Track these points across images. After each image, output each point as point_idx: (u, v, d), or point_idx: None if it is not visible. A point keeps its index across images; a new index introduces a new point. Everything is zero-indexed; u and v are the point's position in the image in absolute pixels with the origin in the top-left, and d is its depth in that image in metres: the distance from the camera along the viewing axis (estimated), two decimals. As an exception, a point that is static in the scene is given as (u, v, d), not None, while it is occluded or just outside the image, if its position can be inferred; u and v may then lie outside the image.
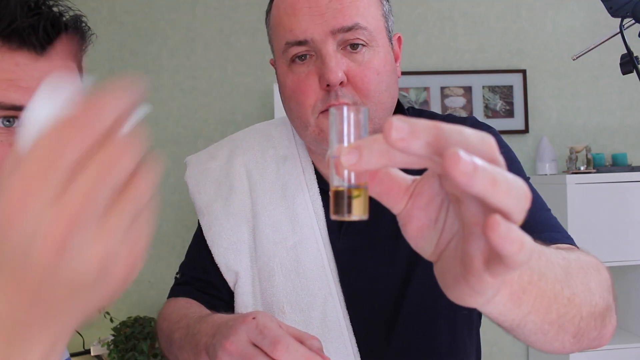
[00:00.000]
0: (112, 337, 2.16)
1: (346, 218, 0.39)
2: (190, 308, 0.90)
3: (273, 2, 0.87)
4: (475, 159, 0.32)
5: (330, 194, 0.39)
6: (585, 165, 2.38)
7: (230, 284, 0.93)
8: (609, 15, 1.27)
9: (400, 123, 0.33)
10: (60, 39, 0.64)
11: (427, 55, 2.52)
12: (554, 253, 0.54)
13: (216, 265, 0.93)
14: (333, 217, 0.39)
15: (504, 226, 0.32)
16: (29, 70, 0.62)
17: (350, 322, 0.87)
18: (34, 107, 0.31)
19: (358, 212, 0.38)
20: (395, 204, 0.40)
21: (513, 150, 0.95)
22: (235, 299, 0.94)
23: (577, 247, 0.78)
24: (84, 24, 0.68)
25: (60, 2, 0.66)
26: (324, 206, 0.91)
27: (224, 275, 0.93)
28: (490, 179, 0.32)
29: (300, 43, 0.80)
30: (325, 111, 0.81)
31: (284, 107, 0.88)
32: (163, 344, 0.88)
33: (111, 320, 2.23)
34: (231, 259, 0.92)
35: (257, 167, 0.95)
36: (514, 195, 0.33)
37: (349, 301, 0.88)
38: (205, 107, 2.47)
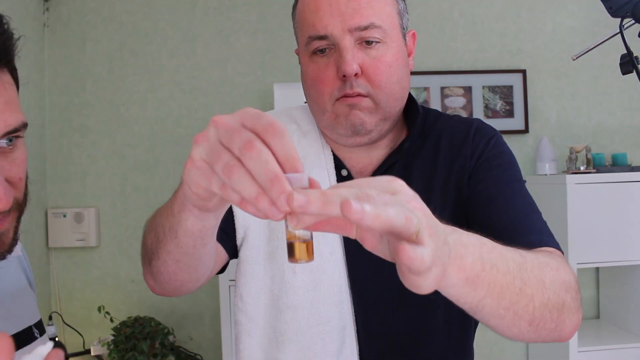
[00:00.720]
0: (112, 337, 2.16)
1: (296, 262, 0.52)
2: None
3: None
4: (363, 205, 0.44)
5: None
6: (585, 165, 2.37)
7: (239, 237, 0.97)
8: (609, 15, 1.27)
9: (298, 195, 0.45)
10: None
11: (427, 55, 2.52)
12: (510, 250, 0.64)
13: (231, 212, 0.96)
14: (288, 260, 0.52)
15: (409, 250, 0.45)
16: None
17: (352, 290, 0.94)
18: None
19: (302, 257, 0.51)
20: (348, 233, 0.52)
21: (513, 150, 0.99)
22: (242, 253, 0.97)
23: (560, 251, 0.83)
24: (6, 26, 0.63)
25: None
26: (337, 181, 0.96)
27: (236, 224, 0.97)
28: (374, 216, 0.44)
29: (321, 37, 0.89)
30: (340, 98, 0.90)
31: (304, 93, 0.96)
32: (147, 239, 0.85)
33: (111, 320, 2.23)
34: (249, 216, 0.96)
35: None
36: (396, 222, 0.45)
37: (352, 274, 0.94)
38: (205, 107, 2.47)
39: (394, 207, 0.46)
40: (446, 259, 0.52)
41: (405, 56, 0.96)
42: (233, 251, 0.99)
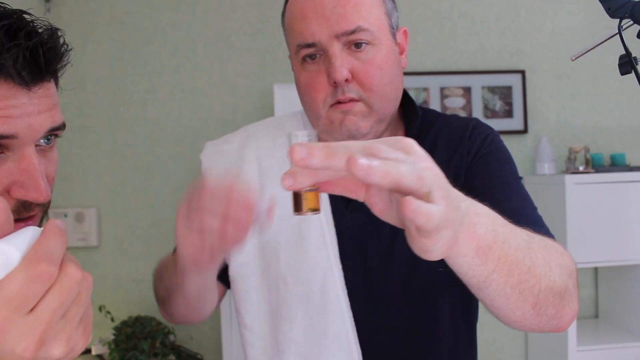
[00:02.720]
0: (113, 337, 2.16)
1: (302, 214, 0.50)
2: None
3: (286, 6, 0.94)
4: (371, 161, 0.42)
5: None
6: (584, 166, 2.38)
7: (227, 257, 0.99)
8: (608, 16, 1.28)
9: (299, 147, 0.44)
10: (39, 67, 0.62)
11: (426, 56, 2.53)
12: (519, 229, 0.63)
13: None
14: (294, 214, 0.51)
15: (414, 204, 0.43)
16: (7, 100, 0.61)
17: (349, 296, 0.93)
18: (10, 248, 0.43)
19: (308, 208, 0.50)
20: (357, 196, 0.51)
21: (512, 150, 1.00)
22: (232, 271, 0.99)
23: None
24: (60, 38, 0.66)
25: (35, 19, 0.64)
26: None
27: None
28: (383, 172, 0.42)
29: (309, 45, 0.89)
30: (334, 105, 0.90)
31: (300, 99, 0.97)
32: (159, 288, 1.01)
33: (112, 320, 2.23)
34: None
35: (267, 153, 1.02)
36: (408, 180, 0.44)
37: (348, 275, 0.94)
38: (205, 107, 2.48)
39: (406, 164, 0.44)
40: (458, 225, 0.50)
41: (397, 56, 0.95)
42: (227, 281, 1.03)
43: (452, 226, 0.48)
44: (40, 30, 0.64)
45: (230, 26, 2.49)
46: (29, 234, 0.45)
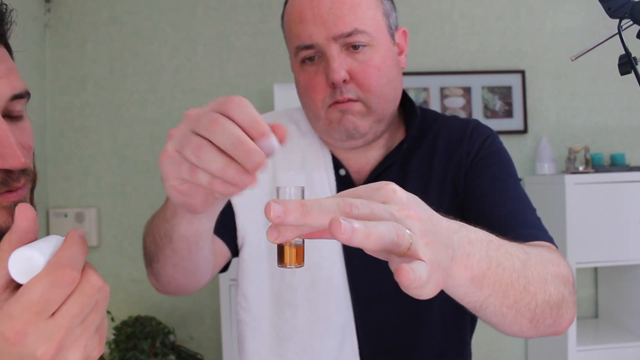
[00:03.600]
0: (113, 337, 2.17)
1: (286, 267, 0.51)
2: None
3: (285, 8, 0.95)
4: (352, 223, 0.42)
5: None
6: (584, 166, 2.38)
7: (240, 237, 0.98)
8: (608, 16, 1.28)
9: (275, 205, 0.43)
10: None
11: (426, 56, 2.53)
12: (514, 247, 0.63)
13: (232, 210, 0.97)
14: (278, 265, 0.51)
15: (408, 272, 0.43)
16: None
17: (351, 289, 0.95)
18: (35, 253, 0.43)
19: (291, 262, 0.51)
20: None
21: (512, 150, 0.99)
22: (243, 252, 0.98)
23: (554, 245, 0.84)
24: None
25: None
26: (336, 180, 0.98)
27: (237, 222, 0.97)
28: (364, 235, 0.42)
29: (307, 47, 0.90)
30: (332, 104, 0.90)
31: (299, 100, 0.98)
32: (147, 242, 0.88)
33: (112, 320, 2.23)
34: (248, 215, 0.97)
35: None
36: (387, 240, 0.43)
37: (350, 272, 0.95)
38: (206, 108, 2.48)
39: (384, 224, 0.44)
40: (448, 263, 0.50)
41: (395, 56, 0.95)
42: (234, 249, 0.99)
43: (439, 268, 0.48)
44: None
45: (230, 26, 2.49)
46: (52, 241, 0.46)
